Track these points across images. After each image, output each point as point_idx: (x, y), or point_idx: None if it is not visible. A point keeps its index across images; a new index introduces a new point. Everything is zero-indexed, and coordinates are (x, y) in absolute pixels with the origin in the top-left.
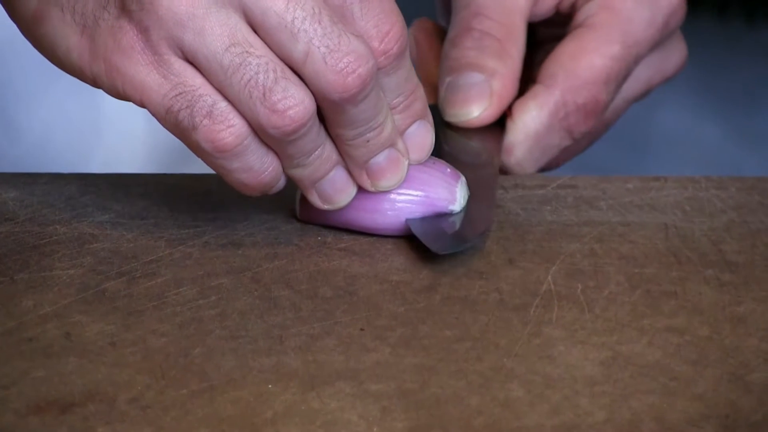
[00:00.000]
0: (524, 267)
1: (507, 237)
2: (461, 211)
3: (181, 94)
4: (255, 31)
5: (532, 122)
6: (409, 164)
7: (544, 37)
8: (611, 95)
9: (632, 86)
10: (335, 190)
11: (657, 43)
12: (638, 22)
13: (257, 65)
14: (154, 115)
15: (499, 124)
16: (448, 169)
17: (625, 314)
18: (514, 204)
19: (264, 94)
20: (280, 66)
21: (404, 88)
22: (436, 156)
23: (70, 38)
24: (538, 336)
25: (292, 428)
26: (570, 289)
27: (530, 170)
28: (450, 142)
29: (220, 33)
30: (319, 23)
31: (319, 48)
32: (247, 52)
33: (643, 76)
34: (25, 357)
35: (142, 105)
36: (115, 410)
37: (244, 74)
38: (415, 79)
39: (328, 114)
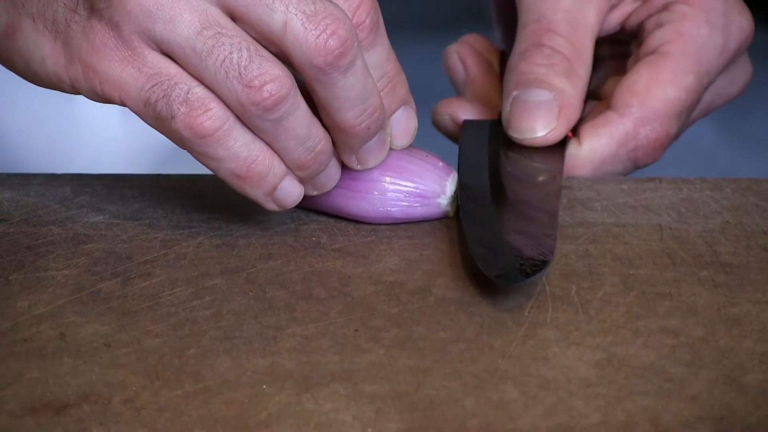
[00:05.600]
0: None
1: None
2: (516, 233)
3: (156, 84)
4: (231, 14)
5: (600, 149)
6: (395, 150)
7: (604, 53)
8: (681, 127)
9: (696, 110)
10: (329, 179)
11: (725, 68)
12: (711, 50)
13: (230, 45)
14: (134, 110)
15: (560, 144)
16: (441, 163)
17: (620, 315)
18: None
19: (240, 73)
20: (253, 45)
21: (386, 67)
22: (495, 173)
23: (44, 46)
24: (532, 337)
25: (287, 429)
26: (564, 291)
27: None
28: (512, 159)
29: (190, 19)
30: None
31: (296, 15)
32: (219, 33)
33: (707, 99)
34: (20, 358)
35: (121, 103)
36: (110, 411)
37: (218, 55)
38: (397, 63)
39: (321, 93)
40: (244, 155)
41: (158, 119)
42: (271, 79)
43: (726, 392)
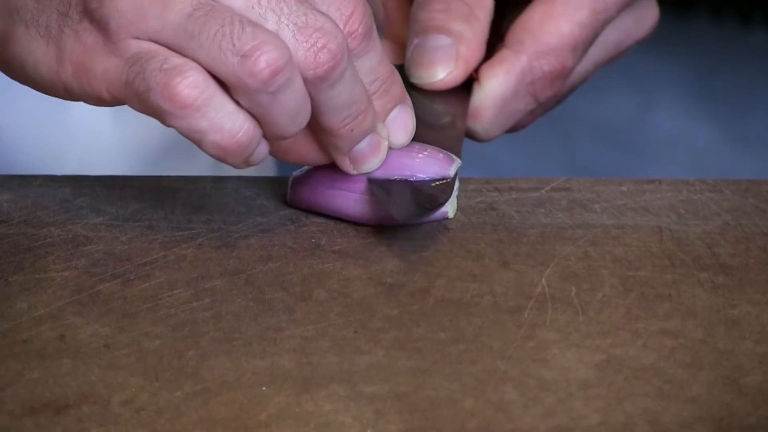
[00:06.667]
0: (518, 269)
1: (501, 239)
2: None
3: (136, 62)
4: None
5: (498, 87)
6: (393, 148)
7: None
8: (578, 60)
9: (602, 49)
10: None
11: (627, 6)
12: None
13: (222, 18)
14: (121, 99)
15: (465, 88)
16: (441, 155)
17: (620, 317)
18: (508, 206)
19: (233, 44)
20: (246, 18)
21: (379, 71)
22: None
23: (37, 52)
24: (532, 339)
25: (286, 430)
26: (564, 292)
27: (496, 134)
28: (415, 104)
29: (181, 6)
30: (285, 2)
31: (287, 26)
32: (210, 10)
33: (613, 39)
34: (20, 359)
35: (109, 94)
36: (109, 412)
37: (210, 29)
38: (390, 65)
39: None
40: (228, 126)
41: (138, 97)
42: (267, 49)
43: (725, 393)
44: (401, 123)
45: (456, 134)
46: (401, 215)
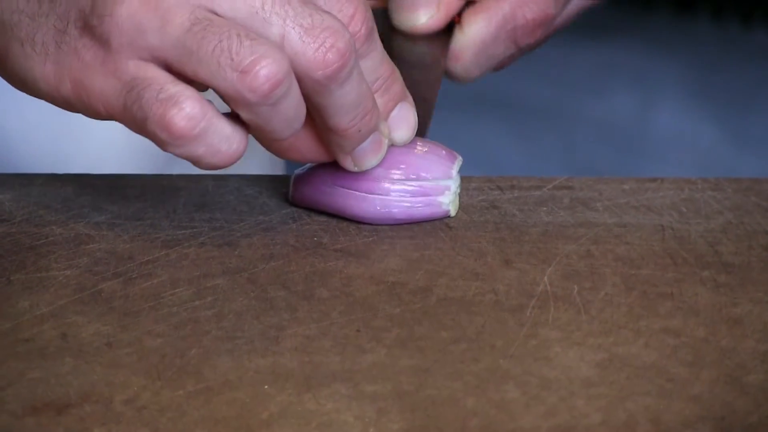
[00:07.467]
0: (520, 268)
1: (503, 238)
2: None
3: (133, 88)
4: None
5: (479, 32)
6: (395, 146)
7: None
8: (561, 9)
9: None
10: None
11: None
12: None
13: (220, 33)
14: (117, 119)
15: (446, 31)
16: (443, 151)
17: (622, 316)
18: (511, 205)
19: (232, 59)
20: (244, 31)
21: (381, 70)
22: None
23: (34, 69)
24: (534, 337)
25: (288, 429)
26: (566, 291)
27: (475, 75)
28: (397, 45)
29: (180, 21)
30: (289, 4)
31: (294, 28)
32: (208, 25)
33: None
34: (22, 358)
35: (107, 113)
36: (111, 411)
37: (208, 45)
38: (391, 63)
39: (315, 99)
40: (224, 148)
41: (135, 123)
42: (265, 63)
43: (727, 392)
44: (403, 120)
45: (435, 75)
46: None
